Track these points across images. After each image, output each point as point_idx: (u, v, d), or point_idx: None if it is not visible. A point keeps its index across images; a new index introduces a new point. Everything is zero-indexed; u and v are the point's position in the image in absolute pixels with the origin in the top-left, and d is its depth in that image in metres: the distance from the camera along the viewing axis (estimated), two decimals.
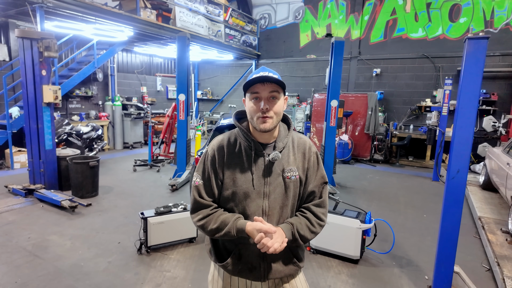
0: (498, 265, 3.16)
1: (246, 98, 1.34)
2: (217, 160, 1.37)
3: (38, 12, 5.32)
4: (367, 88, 9.71)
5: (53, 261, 3.30)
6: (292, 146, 1.40)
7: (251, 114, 1.31)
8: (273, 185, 1.34)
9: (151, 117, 8.59)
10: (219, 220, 1.32)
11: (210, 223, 1.33)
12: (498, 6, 8.02)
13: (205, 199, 1.37)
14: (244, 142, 1.37)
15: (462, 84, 2.53)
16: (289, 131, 1.42)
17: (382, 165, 8.64)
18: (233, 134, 1.42)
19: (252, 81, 1.27)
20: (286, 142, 1.38)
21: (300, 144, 1.42)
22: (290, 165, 1.37)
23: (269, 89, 1.27)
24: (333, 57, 5.60)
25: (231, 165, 1.36)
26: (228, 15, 10.04)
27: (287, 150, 1.38)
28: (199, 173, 1.40)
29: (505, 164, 4.68)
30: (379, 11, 9.43)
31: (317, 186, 1.41)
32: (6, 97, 6.42)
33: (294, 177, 1.36)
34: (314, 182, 1.41)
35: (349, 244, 3.37)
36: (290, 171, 1.36)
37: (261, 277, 1.38)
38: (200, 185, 1.38)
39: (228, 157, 1.37)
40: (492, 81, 8.15)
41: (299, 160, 1.40)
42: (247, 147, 1.36)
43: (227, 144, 1.39)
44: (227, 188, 1.36)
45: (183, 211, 3.69)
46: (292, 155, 1.39)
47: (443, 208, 2.70)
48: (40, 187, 5.20)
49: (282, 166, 1.36)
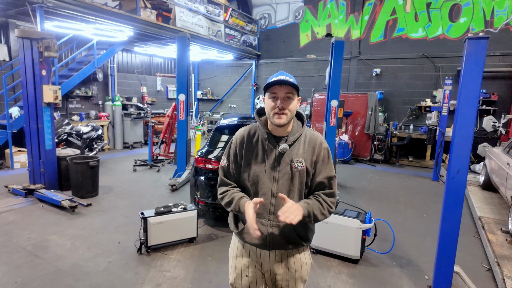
0: (498, 265, 3.16)
1: (265, 97, 1.56)
2: (238, 148, 1.66)
3: (38, 12, 5.32)
4: (367, 88, 9.71)
5: (53, 261, 3.30)
6: (303, 140, 1.60)
7: (269, 111, 1.53)
8: (282, 172, 1.57)
9: (151, 117, 8.60)
10: (230, 196, 1.62)
11: (225, 197, 1.65)
12: (498, 6, 8.02)
13: (227, 178, 1.69)
14: (262, 134, 1.62)
15: (462, 84, 2.53)
16: (302, 127, 1.63)
17: (382, 165, 8.64)
18: (254, 127, 1.68)
19: (271, 83, 1.50)
20: (298, 137, 1.59)
21: (312, 139, 1.62)
22: (298, 157, 1.57)
23: (285, 91, 1.49)
24: (333, 57, 5.59)
25: (248, 152, 1.63)
26: (228, 15, 10.04)
27: (298, 144, 1.59)
28: (226, 156, 1.71)
29: (505, 164, 4.68)
30: (379, 11, 9.43)
31: (326, 178, 1.60)
32: (6, 97, 6.42)
33: (300, 167, 1.56)
34: (323, 174, 1.60)
35: (349, 244, 3.37)
36: (297, 162, 1.56)
37: (267, 246, 1.62)
38: (225, 166, 1.70)
39: (247, 146, 1.64)
40: (492, 81, 8.15)
41: (308, 153, 1.59)
42: (263, 138, 1.61)
43: (247, 135, 1.66)
44: (244, 171, 1.64)
45: (183, 211, 3.69)
46: (302, 148, 1.59)
47: (443, 208, 2.70)
48: (40, 187, 5.20)
49: (291, 157, 1.57)
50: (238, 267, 1.72)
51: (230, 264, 1.77)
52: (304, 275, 1.71)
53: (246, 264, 1.70)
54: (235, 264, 1.73)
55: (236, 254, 1.74)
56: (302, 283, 1.72)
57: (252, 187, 1.63)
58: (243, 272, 1.70)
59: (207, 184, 4.03)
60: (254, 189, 1.62)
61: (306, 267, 1.71)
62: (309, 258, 1.74)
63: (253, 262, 1.69)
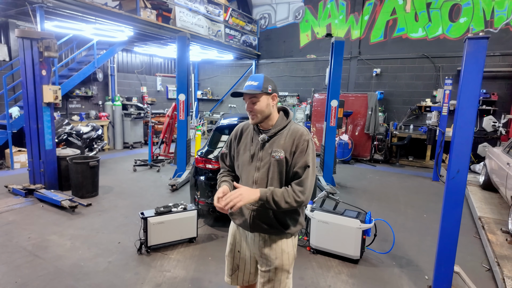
0: (498, 265, 3.16)
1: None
2: (233, 139, 1.91)
3: (38, 12, 5.32)
4: (367, 88, 9.71)
5: (53, 261, 3.30)
6: (286, 133, 1.74)
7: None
8: (264, 161, 1.73)
9: (151, 117, 8.59)
10: (220, 180, 1.91)
11: (218, 179, 1.93)
12: (498, 6, 8.02)
13: (225, 163, 1.98)
14: (252, 127, 1.85)
15: (462, 84, 2.53)
16: (287, 121, 1.78)
17: (382, 165, 8.64)
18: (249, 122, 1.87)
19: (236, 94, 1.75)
20: (279, 130, 1.75)
21: (294, 132, 1.73)
22: (278, 147, 1.71)
23: (248, 97, 1.71)
24: (333, 57, 5.60)
25: (240, 143, 1.86)
26: (228, 15, 10.04)
27: (280, 136, 1.74)
28: (226, 145, 1.97)
29: (505, 164, 4.68)
30: (379, 11, 9.43)
31: (300, 168, 1.67)
32: (6, 97, 6.42)
33: (278, 157, 1.69)
34: (299, 164, 1.68)
35: (349, 244, 3.37)
36: (276, 152, 1.70)
37: (249, 227, 1.76)
38: (224, 153, 1.96)
39: (239, 137, 1.88)
40: (492, 81, 8.15)
41: (288, 144, 1.71)
42: (253, 131, 1.83)
43: (242, 128, 1.90)
44: (236, 159, 1.88)
45: (183, 211, 3.69)
46: (283, 140, 1.72)
47: (443, 208, 2.70)
48: (40, 187, 5.20)
49: (272, 147, 1.72)
50: (231, 243, 1.94)
51: (228, 238, 1.98)
52: (285, 264, 1.76)
53: (239, 241, 1.90)
54: (230, 240, 1.95)
55: (231, 232, 1.96)
56: (283, 272, 1.76)
57: (240, 174, 1.85)
58: (235, 248, 1.92)
59: (207, 184, 4.03)
60: (241, 176, 1.84)
61: (287, 257, 1.77)
62: (293, 248, 1.80)
63: (240, 241, 1.90)
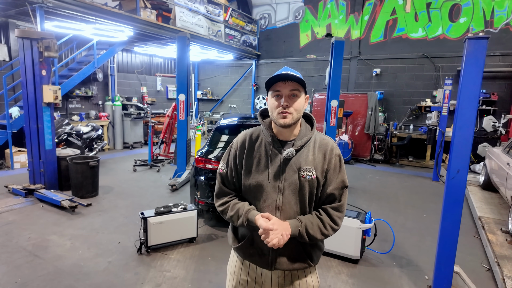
0: (498, 265, 3.16)
1: (268, 96, 1.40)
2: (238, 153, 1.47)
3: (38, 12, 5.32)
4: (367, 88, 9.71)
5: (53, 261, 3.30)
6: (313, 146, 1.42)
7: (272, 110, 1.36)
8: (288, 181, 1.38)
9: (151, 117, 8.59)
10: (234, 209, 1.44)
11: (228, 210, 1.46)
12: (498, 6, 8.02)
13: (227, 187, 1.51)
14: (266, 138, 1.44)
15: (462, 84, 2.53)
16: (312, 131, 1.44)
17: (382, 165, 8.63)
18: (257, 130, 1.50)
19: (273, 79, 1.32)
20: (306, 141, 1.40)
21: (322, 145, 1.43)
22: (307, 165, 1.38)
23: (289, 87, 1.32)
24: (333, 57, 5.59)
25: (250, 158, 1.44)
26: (228, 15, 10.04)
27: (307, 150, 1.40)
28: (224, 162, 1.52)
29: (505, 164, 4.68)
30: (379, 11, 9.43)
31: (337, 189, 1.41)
32: (6, 97, 6.42)
33: (310, 176, 1.37)
34: (334, 184, 1.41)
35: (349, 244, 3.37)
36: (306, 171, 1.37)
37: (269, 265, 1.43)
38: (223, 173, 1.51)
39: (248, 151, 1.45)
40: (492, 81, 8.15)
41: (318, 160, 1.40)
42: (267, 143, 1.43)
43: (249, 138, 1.47)
44: (245, 179, 1.44)
45: (183, 211, 3.69)
46: (312, 155, 1.40)
47: (443, 208, 2.70)
48: (40, 187, 5.20)
49: (299, 165, 1.38)
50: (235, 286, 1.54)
51: (227, 282, 1.60)
52: None
53: (244, 284, 1.51)
54: (233, 283, 1.55)
55: (234, 271, 1.55)
56: None
57: (254, 198, 1.44)
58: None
59: (207, 184, 4.03)
60: (256, 200, 1.43)
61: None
62: (317, 280, 1.54)
63: (252, 282, 1.50)
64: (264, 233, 1.31)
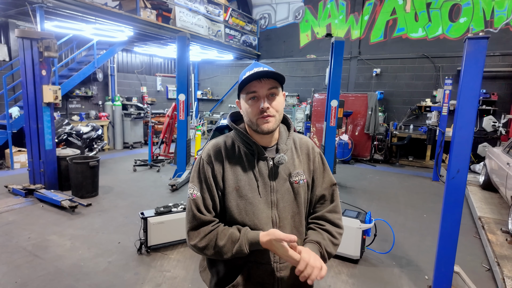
0: (498, 265, 3.16)
1: (241, 100, 1.20)
2: (215, 168, 1.20)
3: (38, 12, 5.32)
4: (367, 88, 9.71)
5: (53, 261, 3.30)
6: (295, 148, 1.28)
7: (250, 116, 1.16)
8: (281, 192, 1.21)
9: (151, 117, 8.59)
10: (225, 235, 1.14)
11: (215, 240, 1.14)
12: (498, 6, 8.02)
13: (205, 215, 1.18)
14: (243, 146, 1.22)
15: (462, 84, 2.52)
16: (290, 132, 1.29)
17: (382, 165, 8.63)
18: (229, 138, 1.26)
19: (247, 79, 1.12)
20: (289, 144, 1.27)
21: (303, 144, 1.31)
22: (296, 169, 1.24)
23: (267, 86, 1.13)
24: (333, 57, 5.59)
25: (231, 172, 1.20)
26: (228, 15, 10.04)
27: (291, 153, 1.26)
28: (195, 184, 1.20)
29: (505, 164, 4.68)
30: (379, 11, 9.43)
31: (327, 189, 1.31)
32: (6, 97, 6.42)
33: (302, 181, 1.24)
34: (323, 185, 1.31)
35: (349, 244, 3.36)
36: (297, 175, 1.23)
37: None
38: (198, 198, 1.18)
39: (228, 164, 1.20)
40: (492, 81, 8.15)
41: (304, 162, 1.28)
42: (247, 151, 1.21)
43: (225, 149, 1.22)
44: (230, 199, 1.19)
45: (183, 211, 3.69)
46: (297, 157, 1.27)
47: (443, 208, 2.70)
48: (40, 187, 5.20)
49: (288, 170, 1.23)
50: None
51: None
52: None
53: None
54: None
55: None
56: None
57: (243, 220, 1.18)
58: None
59: None
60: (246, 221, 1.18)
61: None
62: None
63: None
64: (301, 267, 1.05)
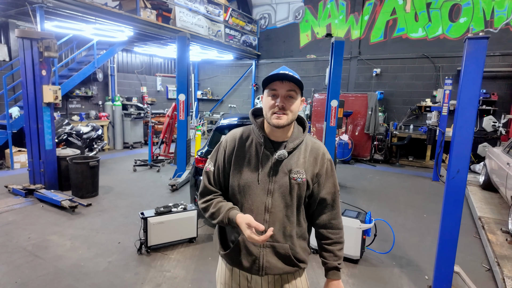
0: (498, 265, 3.16)
1: (264, 94, 1.37)
2: (227, 152, 1.43)
3: (38, 12, 5.32)
4: (367, 88, 9.71)
5: (53, 261, 3.30)
6: (304, 149, 1.41)
7: (267, 110, 1.33)
8: (278, 183, 1.37)
9: (151, 117, 8.59)
10: (216, 206, 1.40)
11: (210, 207, 1.42)
12: (498, 6, 8.02)
13: (212, 185, 1.47)
14: (256, 138, 1.41)
15: (462, 84, 2.53)
16: (304, 133, 1.43)
17: (382, 165, 8.63)
18: (248, 129, 1.47)
19: (271, 78, 1.30)
20: (298, 144, 1.39)
21: (314, 149, 1.43)
22: (298, 167, 1.37)
23: (286, 88, 1.30)
24: (333, 57, 5.59)
25: (239, 158, 1.41)
26: (228, 15, 10.04)
27: (298, 152, 1.39)
28: (212, 161, 1.49)
29: (505, 164, 4.68)
30: (379, 11, 9.43)
31: (329, 194, 1.43)
32: (6, 97, 6.42)
33: (301, 179, 1.36)
34: (327, 189, 1.43)
35: (349, 244, 3.36)
36: (297, 173, 1.37)
37: (260, 270, 1.40)
38: (210, 171, 1.47)
39: (238, 150, 1.42)
40: (492, 81, 8.15)
41: (309, 164, 1.40)
42: (258, 143, 1.40)
43: (240, 138, 1.44)
44: (233, 179, 1.41)
45: (183, 211, 3.69)
46: (303, 157, 1.39)
47: (443, 208, 2.70)
48: (40, 187, 5.20)
49: (290, 167, 1.37)
50: None
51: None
52: None
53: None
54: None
55: (224, 280, 1.51)
56: None
57: (241, 199, 1.41)
58: None
59: None
60: (243, 201, 1.40)
61: None
62: (306, 282, 1.54)
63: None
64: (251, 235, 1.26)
